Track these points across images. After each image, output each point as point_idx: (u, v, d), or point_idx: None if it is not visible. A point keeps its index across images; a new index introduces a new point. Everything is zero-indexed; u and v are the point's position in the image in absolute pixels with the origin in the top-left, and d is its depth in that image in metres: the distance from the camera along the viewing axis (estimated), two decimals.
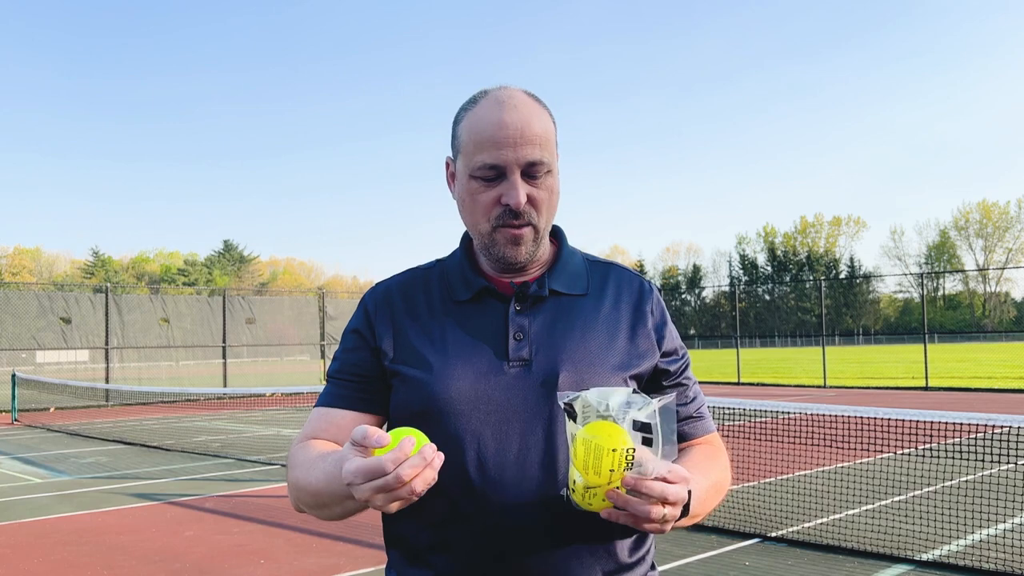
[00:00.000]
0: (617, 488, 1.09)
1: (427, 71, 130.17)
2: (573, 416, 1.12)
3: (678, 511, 1.13)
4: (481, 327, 1.34)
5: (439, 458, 1.09)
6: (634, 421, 1.11)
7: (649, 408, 1.12)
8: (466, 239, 1.46)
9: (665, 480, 1.10)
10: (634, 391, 1.15)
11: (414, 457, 1.06)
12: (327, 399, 1.41)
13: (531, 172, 1.30)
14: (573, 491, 1.14)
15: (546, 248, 1.42)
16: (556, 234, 1.46)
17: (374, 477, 1.06)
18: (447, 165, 1.42)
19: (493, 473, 1.27)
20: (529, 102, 1.33)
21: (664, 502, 1.10)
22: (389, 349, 1.36)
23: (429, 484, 1.09)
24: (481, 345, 1.32)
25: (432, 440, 1.28)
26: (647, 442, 1.11)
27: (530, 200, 1.31)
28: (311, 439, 1.37)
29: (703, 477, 1.29)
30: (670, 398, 1.15)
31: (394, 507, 1.10)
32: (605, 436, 1.08)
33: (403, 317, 1.38)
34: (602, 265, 1.46)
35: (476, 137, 1.30)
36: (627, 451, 1.08)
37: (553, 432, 1.29)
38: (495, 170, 1.29)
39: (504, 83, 1.38)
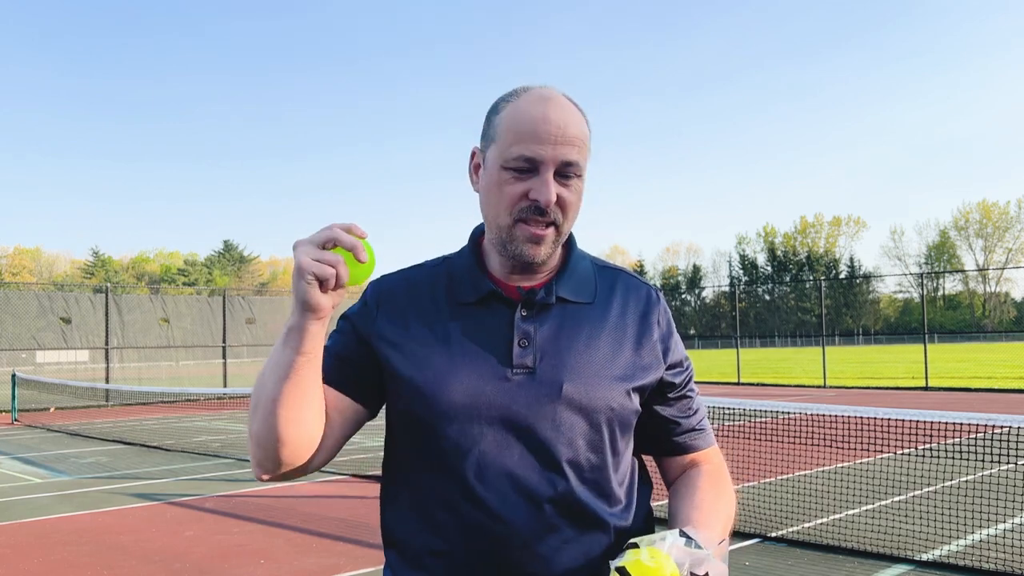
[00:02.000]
0: None
1: (427, 73, 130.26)
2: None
3: None
4: (486, 331, 1.32)
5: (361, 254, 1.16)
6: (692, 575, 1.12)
7: (704, 557, 1.13)
8: (475, 237, 1.43)
9: None
10: (682, 533, 1.16)
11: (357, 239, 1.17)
12: None
13: (564, 172, 1.29)
14: None
15: (557, 254, 1.40)
16: (566, 239, 1.44)
17: (318, 235, 1.17)
18: (472, 155, 1.38)
19: (493, 479, 1.26)
20: (573, 108, 1.32)
21: None
22: (389, 346, 1.33)
23: (342, 278, 1.15)
24: (485, 350, 1.30)
25: (433, 443, 1.29)
26: None
27: (558, 201, 1.29)
28: None
29: (717, 524, 1.31)
30: (724, 543, 1.17)
31: (313, 277, 1.14)
32: None
33: (408, 315, 1.35)
34: (610, 271, 1.45)
35: (516, 128, 1.28)
36: None
37: (554, 440, 1.28)
38: (530, 163, 1.27)
39: (505, 84, 1.37)
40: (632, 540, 1.16)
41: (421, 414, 1.29)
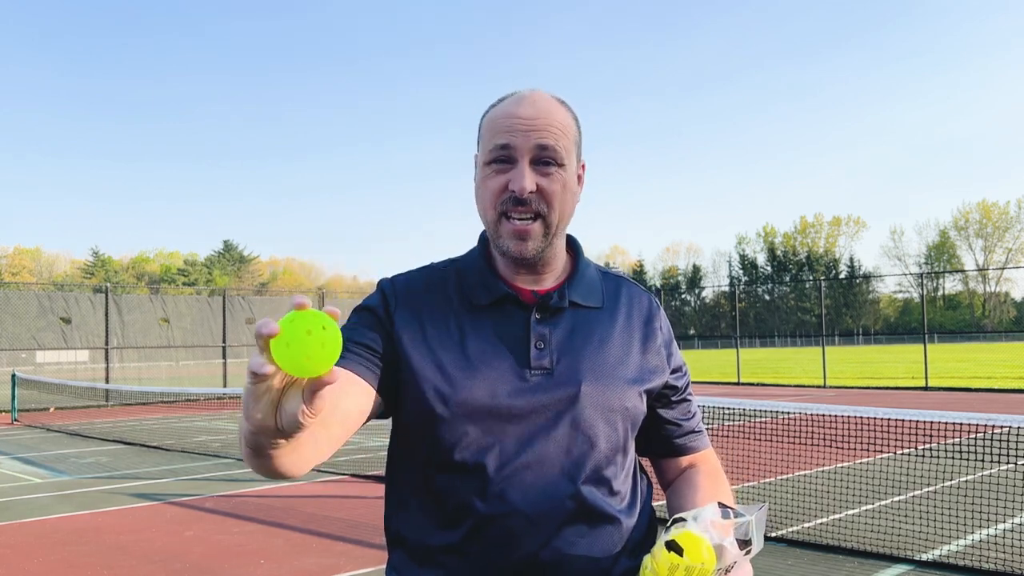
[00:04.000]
0: None
1: (427, 73, 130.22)
2: (678, 550, 1.14)
3: None
4: (502, 334, 1.34)
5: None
6: (738, 541, 1.16)
7: (746, 524, 1.17)
8: (484, 239, 1.44)
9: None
10: (721, 504, 1.19)
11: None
12: None
13: (542, 159, 1.30)
14: None
15: (563, 257, 1.43)
16: (572, 245, 1.47)
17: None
18: (475, 163, 1.41)
19: (512, 478, 1.27)
20: (552, 101, 1.35)
21: None
22: (407, 344, 1.32)
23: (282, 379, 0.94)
24: (502, 352, 1.32)
25: (451, 442, 1.29)
26: (747, 552, 1.17)
27: (540, 191, 1.30)
28: None
29: None
30: (763, 508, 1.19)
31: (262, 394, 0.95)
32: (707, 561, 1.13)
33: (424, 314, 1.35)
34: (614, 278, 1.49)
35: (493, 126, 1.33)
36: (729, 567, 1.15)
37: (574, 438, 1.30)
38: (506, 151, 1.30)
39: (505, 84, 1.39)
40: (677, 516, 1.20)
41: (440, 413, 1.29)
